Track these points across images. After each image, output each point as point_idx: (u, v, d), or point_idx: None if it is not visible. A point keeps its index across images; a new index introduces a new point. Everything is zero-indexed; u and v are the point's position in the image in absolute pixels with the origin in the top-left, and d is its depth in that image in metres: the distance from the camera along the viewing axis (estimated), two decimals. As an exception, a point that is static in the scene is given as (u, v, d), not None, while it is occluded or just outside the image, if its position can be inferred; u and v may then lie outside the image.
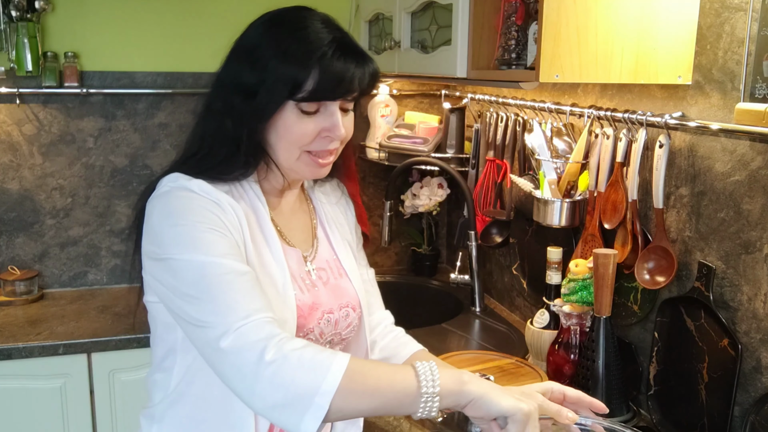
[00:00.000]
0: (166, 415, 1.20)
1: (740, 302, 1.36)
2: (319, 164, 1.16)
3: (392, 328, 1.40)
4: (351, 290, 1.28)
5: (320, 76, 1.08)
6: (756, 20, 1.26)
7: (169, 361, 1.18)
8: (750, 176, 1.33)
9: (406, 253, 2.82)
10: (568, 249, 1.79)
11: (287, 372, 0.93)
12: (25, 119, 2.35)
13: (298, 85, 1.08)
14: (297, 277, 1.19)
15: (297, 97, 1.09)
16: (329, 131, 1.12)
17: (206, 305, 1.00)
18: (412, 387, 0.96)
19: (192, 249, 1.03)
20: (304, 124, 1.11)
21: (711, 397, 1.40)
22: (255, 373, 0.94)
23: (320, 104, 1.11)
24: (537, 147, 1.76)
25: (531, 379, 1.60)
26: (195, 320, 1.01)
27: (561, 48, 1.36)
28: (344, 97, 1.12)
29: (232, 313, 0.99)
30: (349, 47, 1.11)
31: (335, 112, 1.12)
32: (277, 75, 1.08)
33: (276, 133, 1.13)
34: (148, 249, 1.10)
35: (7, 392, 2.01)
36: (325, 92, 1.09)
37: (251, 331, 0.97)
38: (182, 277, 1.03)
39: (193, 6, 2.44)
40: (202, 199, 1.08)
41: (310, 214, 1.32)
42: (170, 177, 1.11)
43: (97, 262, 2.50)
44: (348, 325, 1.26)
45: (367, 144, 2.60)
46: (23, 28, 2.21)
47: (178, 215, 1.06)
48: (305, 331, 1.17)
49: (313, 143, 1.13)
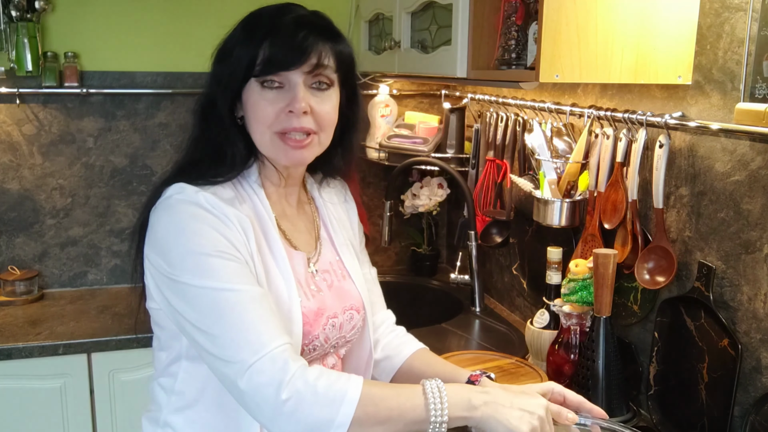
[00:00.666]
0: (171, 421, 1.19)
1: (740, 302, 1.36)
2: (290, 145, 1.14)
3: (394, 327, 1.41)
4: (354, 292, 1.28)
5: (271, 47, 1.09)
6: (756, 20, 1.26)
7: (174, 367, 1.18)
8: (750, 176, 1.33)
9: (406, 253, 2.82)
10: (568, 249, 1.79)
11: (304, 409, 0.98)
12: (25, 119, 2.35)
13: (253, 60, 1.10)
14: (303, 283, 1.19)
15: (254, 72, 1.10)
16: (290, 105, 1.11)
17: (219, 338, 1.02)
18: (421, 416, 1.01)
19: (202, 275, 1.04)
20: (266, 100, 1.12)
21: (711, 397, 1.40)
22: (273, 410, 0.99)
23: (280, 77, 1.11)
24: (537, 147, 1.76)
25: (531, 379, 1.60)
26: (209, 351, 1.04)
27: (561, 48, 1.36)
28: (297, 66, 1.10)
29: (245, 348, 1.01)
30: (312, 23, 1.12)
31: (296, 86, 1.11)
32: (237, 56, 1.11)
33: (248, 116, 1.14)
34: (154, 261, 1.09)
35: (7, 392, 2.01)
36: (276, 61, 1.10)
37: (265, 368, 0.99)
38: (192, 303, 1.04)
39: (193, 6, 2.44)
40: (210, 217, 1.08)
41: (314, 216, 1.31)
42: (176, 188, 1.11)
43: (97, 262, 2.50)
44: (352, 327, 1.26)
45: (367, 144, 2.60)
46: (23, 28, 2.21)
47: (185, 235, 1.06)
48: (311, 338, 1.17)
49: (278, 121, 1.12)
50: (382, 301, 1.42)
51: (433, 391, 1.02)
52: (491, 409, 1.02)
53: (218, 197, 1.10)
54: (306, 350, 1.17)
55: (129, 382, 2.09)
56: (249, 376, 0.99)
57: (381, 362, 1.34)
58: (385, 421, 1.00)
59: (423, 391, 1.02)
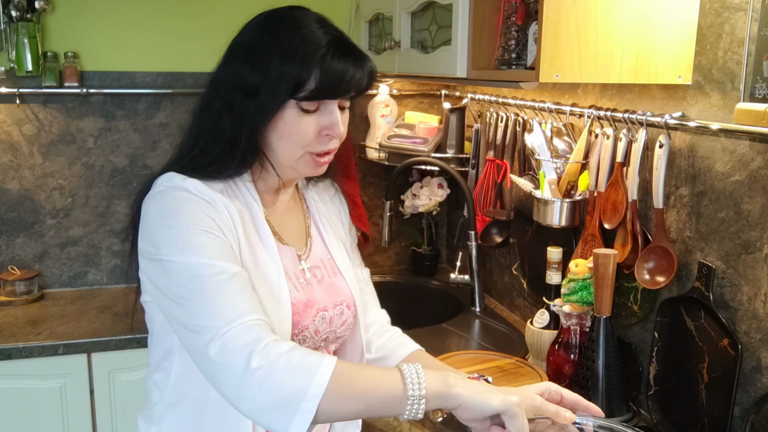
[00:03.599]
0: (164, 417, 1.20)
1: (740, 302, 1.36)
2: (319, 163, 1.18)
3: (388, 327, 1.40)
4: (345, 288, 1.28)
5: (321, 76, 1.09)
6: (756, 20, 1.26)
7: (167, 362, 1.19)
8: (750, 176, 1.33)
9: (406, 253, 2.82)
10: (568, 249, 1.79)
11: (274, 377, 0.94)
12: (25, 119, 2.35)
13: (299, 85, 1.09)
14: (291, 275, 1.20)
15: (298, 96, 1.10)
16: (329, 129, 1.14)
17: (195, 308, 1.02)
18: (398, 390, 0.98)
19: (184, 251, 1.04)
20: (305, 122, 1.12)
21: (711, 397, 1.40)
22: (242, 379, 0.95)
23: (320, 103, 1.13)
24: (537, 147, 1.76)
25: (531, 379, 1.60)
26: (185, 324, 1.03)
27: (561, 48, 1.36)
28: (344, 96, 1.14)
29: (219, 317, 1.00)
30: (348, 47, 1.13)
31: (334, 111, 1.14)
32: (279, 74, 1.09)
33: (276, 132, 1.14)
34: (143, 248, 1.10)
35: (7, 392, 2.01)
36: (327, 91, 1.11)
37: (238, 336, 0.98)
38: (174, 278, 1.04)
39: (193, 6, 2.44)
40: (197, 200, 1.09)
41: (304, 213, 1.32)
42: (165, 176, 1.12)
43: (97, 262, 2.50)
44: (343, 323, 1.26)
45: (367, 144, 2.60)
46: (23, 28, 2.21)
47: (172, 216, 1.07)
48: (300, 329, 1.17)
49: (314, 142, 1.15)
50: (376, 301, 1.41)
51: (410, 368, 1.00)
52: (469, 386, 1.00)
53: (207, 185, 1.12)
54: (296, 340, 1.17)
55: (129, 382, 2.09)
56: (222, 343, 0.97)
57: (375, 363, 1.34)
58: (360, 394, 0.97)
59: (399, 369, 1.01)
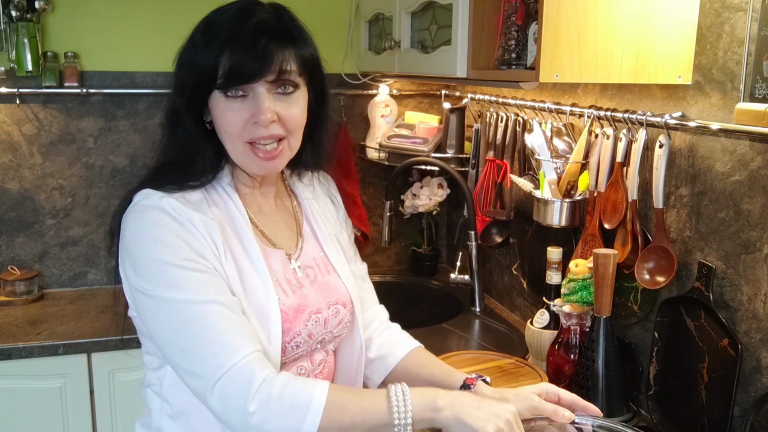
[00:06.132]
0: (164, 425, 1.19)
1: (740, 302, 1.36)
2: (261, 157, 1.13)
3: (388, 324, 1.39)
4: (340, 286, 1.26)
5: (231, 58, 1.07)
6: (756, 20, 1.26)
7: (161, 371, 1.18)
8: (750, 176, 1.33)
9: (406, 253, 2.82)
10: (568, 249, 1.79)
11: (271, 420, 1.00)
12: (25, 119, 2.35)
13: (214, 71, 1.08)
14: (281, 279, 1.18)
15: (217, 84, 1.09)
16: (255, 116, 1.10)
17: (187, 353, 1.04)
18: (384, 419, 1.02)
19: (168, 286, 1.05)
20: (232, 110, 1.10)
21: (711, 397, 1.40)
22: (242, 422, 1.01)
23: (244, 88, 1.10)
24: (537, 147, 1.76)
25: (531, 379, 1.60)
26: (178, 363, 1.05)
27: (561, 48, 1.36)
28: (259, 77, 1.09)
29: (212, 362, 1.02)
30: (272, 28, 1.10)
31: (260, 95, 1.10)
32: (197, 66, 1.10)
33: (216, 125, 1.14)
34: (128, 272, 1.10)
35: (7, 392, 2.01)
36: (238, 73, 1.08)
37: (232, 382, 1.01)
38: (161, 317, 1.06)
39: (193, 6, 2.43)
40: (174, 224, 1.08)
41: (294, 210, 1.30)
42: (143, 194, 1.11)
43: (97, 262, 2.50)
44: (339, 322, 1.24)
45: (367, 144, 2.60)
46: (23, 28, 2.21)
47: (148, 243, 1.07)
48: (292, 335, 1.16)
49: (246, 131, 1.11)
50: (374, 296, 1.40)
51: (397, 394, 1.02)
52: (458, 410, 1.01)
53: (185, 201, 1.10)
54: (289, 347, 1.16)
55: (129, 382, 2.09)
56: (218, 391, 1.01)
57: (375, 362, 1.33)
58: (349, 427, 1.01)
59: (387, 395, 1.03)
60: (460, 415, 1.00)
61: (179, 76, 1.14)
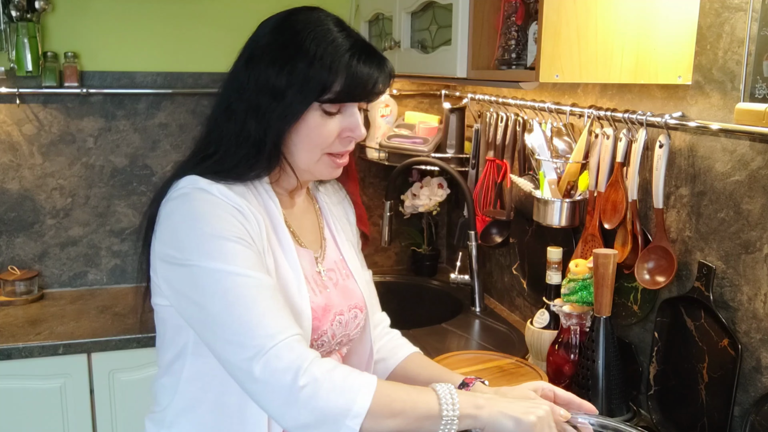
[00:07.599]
0: (177, 421, 1.19)
1: (740, 302, 1.36)
2: (337, 164, 1.18)
3: (389, 330, 1.41)
4: (357, 291, 1.28)
5: (347, 79, 1.10)
6: (756, 20, 1.26)
7: (178, 364, 1.17)
8: (750, 176, 1.33)
9: (406, 253, 2.82)
10: (568, 249, 1.79)
11: (320, 396, 0.98)
12: (25, 119, 2.35)
13: (326, 88, 1.10)
14: (310, 279, 1.20)
15: (323, 99, 1.10)
16: (351, 131, 1.15)
17: (233, 321, 1.01)
18: (434, 410, 1.02)
19: (217, 258, 1.03)
20: (328, 125, 1.13)
21: (711, 397, 1.40)
22: (288, 397, 0.98)
23: (342, 105, 1.13)
24: (537, 147, 1.76)
25: (531, 379, 1.60)
26: (219, 335, 1.02)
27: (561, 48, 1.36)
28: (368, 99, 1.15)
29: (261, 333, 1.00)
30: (370, 50, 1.14)
31: (355, 113, 1.14)
32: (305, 78, 1.09)
33: (298, 135, 1.13)
34: (165, 253, 1.08)
35: (7, 392, 2.01)
36: (351, 95, 1.12)
37: (282, 353, 0.99)
38: (204, 286, 1.03)
39: (193, 6, 2.43)
40: (226, 205, 1.08)
41: (317, 214, 1.32)
42: (188, 179, 1.10)
43: (97, 262, 2.50)
44: (356, 326, 1.27)
45: (367, 144, 2.60)
46: (23, 28, 2.21)
47: (203, 220, 1.05)
48: (319, 333, 1.17)
49: (334, 144, 1.15)
50: (378, 302, 1.42)
51: (443, 390, 1.04)
52: (500, 406, 1.04)
53: (233, 189, 1.11)
54: (314, 345, 1.17)
55: (129, 382, 2.09)
56: (266, 361, 0.98)
57: (376, 364, 1.35)
58: (398, 413, 1.00)
59: (434, 389, 1.05)
60: (502, 410, 1.03)
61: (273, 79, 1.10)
